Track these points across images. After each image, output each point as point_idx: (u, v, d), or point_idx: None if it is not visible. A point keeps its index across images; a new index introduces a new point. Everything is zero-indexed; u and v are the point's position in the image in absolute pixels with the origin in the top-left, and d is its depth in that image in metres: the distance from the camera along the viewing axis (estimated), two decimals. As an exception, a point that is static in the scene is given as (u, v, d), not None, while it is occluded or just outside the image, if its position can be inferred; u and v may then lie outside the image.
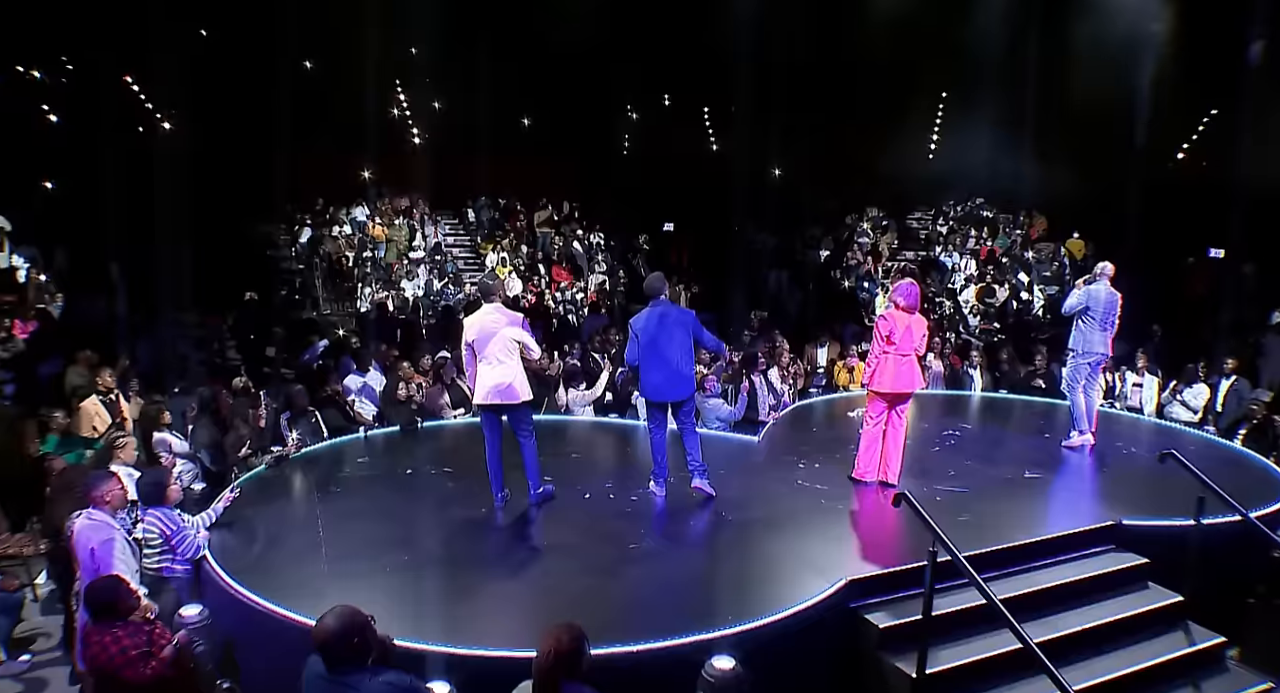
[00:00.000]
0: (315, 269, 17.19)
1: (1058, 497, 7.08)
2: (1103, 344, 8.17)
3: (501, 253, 19.79)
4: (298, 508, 6.54)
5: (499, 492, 6.47)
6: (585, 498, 6.77)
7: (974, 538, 5.88)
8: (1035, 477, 7.50)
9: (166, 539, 5.22)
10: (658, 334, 6.40)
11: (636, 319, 6.55)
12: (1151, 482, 7.23)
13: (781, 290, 18.77)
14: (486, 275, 6.54)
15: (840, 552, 5.93)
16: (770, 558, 5.82)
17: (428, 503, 6.65)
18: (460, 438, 8.44)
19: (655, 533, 6.23)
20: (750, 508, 6.61)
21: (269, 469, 7.18)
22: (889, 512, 6.72)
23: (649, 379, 6.49)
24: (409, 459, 7.61)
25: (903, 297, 7.06)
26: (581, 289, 19.19)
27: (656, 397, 6.54)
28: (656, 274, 6.62)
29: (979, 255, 18.51)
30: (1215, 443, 8.76)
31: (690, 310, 6.61)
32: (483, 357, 6.23)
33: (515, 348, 6.24)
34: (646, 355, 6.43)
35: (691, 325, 6.47)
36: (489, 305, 6.30)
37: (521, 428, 6.35)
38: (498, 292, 6.37)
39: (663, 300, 6.52)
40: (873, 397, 7.17)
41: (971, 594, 5.45)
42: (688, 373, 6.46)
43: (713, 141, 26.71)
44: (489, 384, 6.21)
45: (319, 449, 7.92)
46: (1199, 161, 20.72)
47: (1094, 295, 8.08)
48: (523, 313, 16.36)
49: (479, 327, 6.24)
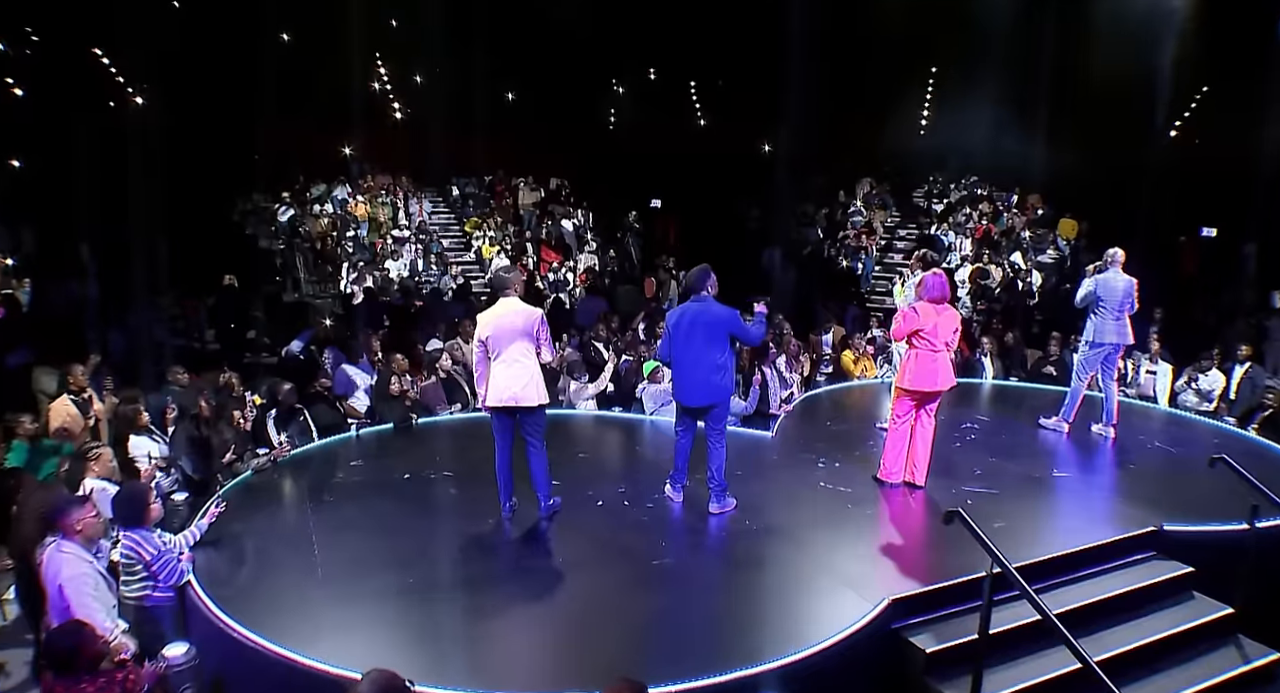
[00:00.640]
0: (296, 250, 16.50)
1: (1091, 499, 6.68)
2: (1116, 333, 7.87)
3: (488, 231, 19.19)
4: (289, 521, 6.01)
5: (507, 501, 5.99)
6: (599, 505, 6.29)
7: (1012, 547, 5.42)
8: (1064, 475, 7.13)
9: (146, 565, 4.70)
10: (691, 333, 5.90)
11: (672, 313, 6.10)
12: (1185, 481, 6.93)
13: (776, 269, 18.29)
14: (502, 268, 6.00)
15: (876, 565, 5.51)
16: (802, 575, 5.39)
17: (429, 513, 6.15)
18: (459, 437, 7.94)
19: (677, 547, 5.78)
20: (773, 514, 6.17)
21: (256, 475, 6.65)
22: (920, 518, 6.38)
23: (678, 381, 6.04)
24: (406, 462, 7.08)
25: (930, 290, 6.66)
26: (571, 269, 18.63)
27: (684, 400, 6.06)
28: (701, 267, 6.08)
29: (975, 235, 18.12)
30: (1244, 437, 8.37)
31: (732, 309, 6.07)
32: (497, 355, 5.72)
33: (533, 347, 5.74)
34: (678, 355, 5.96)
35: (730, 325, 5.94)
36: (506, 300, 5.77)
37: (533, 434, 5.85)
38: (515, 285, 5.81)
39: (704, 297, 5.99)
40: (900, 394, 6.76)
41: (1015, 611, 5.10)
42: (720, 380, 5.94)
43: (700, 116, 26.15)
44: (503, 385, 5.70)
45: (309, 451, 7.38)
46: (1192, 139, 20.36)
47: (1105, 284, 7.79)
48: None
49: (494, 323, 5.71)
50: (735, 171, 22.40)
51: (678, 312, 6.05)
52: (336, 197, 18.39)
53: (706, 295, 5.98)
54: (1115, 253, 7.88)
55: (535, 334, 5.72)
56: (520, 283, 5.90)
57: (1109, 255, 7.90)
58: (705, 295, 5.97)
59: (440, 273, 16.68)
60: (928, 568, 5.44)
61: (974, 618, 5.13)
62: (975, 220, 18.74)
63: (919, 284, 6.87)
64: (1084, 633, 5.15)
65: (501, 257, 18.38)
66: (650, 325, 11.26)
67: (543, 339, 5.77)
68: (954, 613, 5.19)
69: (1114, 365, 8.13)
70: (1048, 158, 18.95)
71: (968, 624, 5.08)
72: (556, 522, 5.95)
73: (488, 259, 18.49)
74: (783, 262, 18.41)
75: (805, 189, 21.32)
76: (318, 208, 17.85)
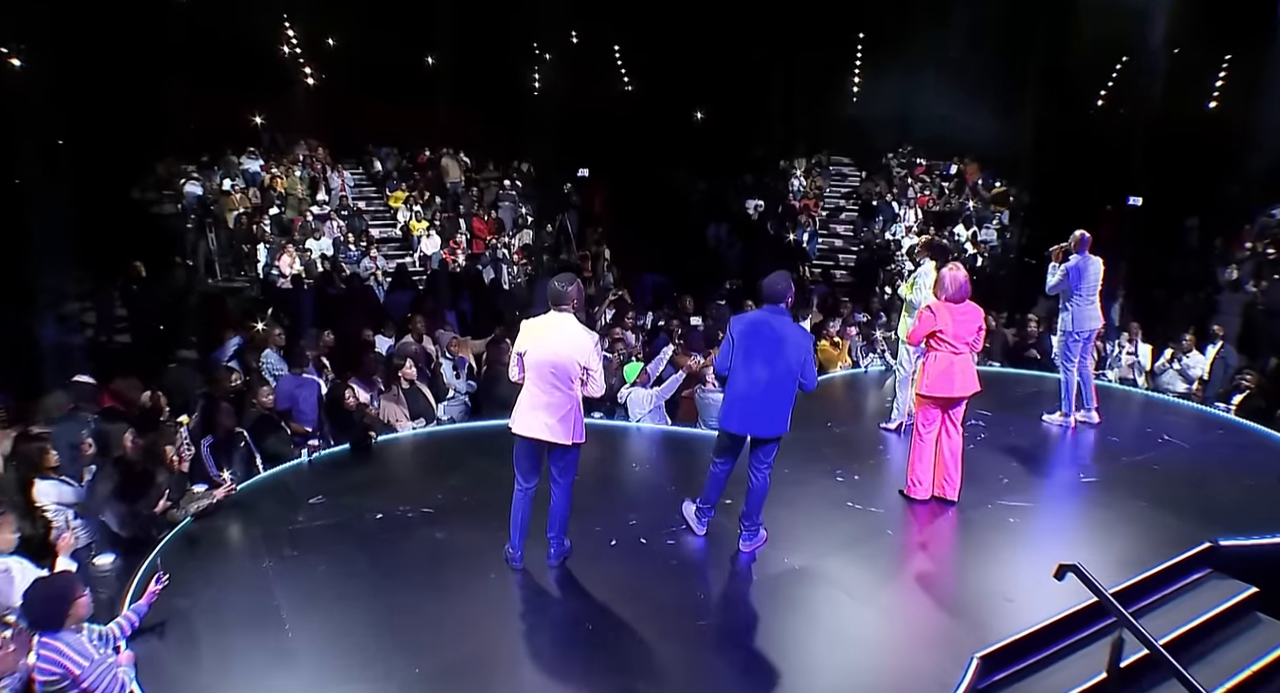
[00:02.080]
0: (207, 229, 14.80)
1: (1127, 510, 6.05)
2: (1094, 318, 7.56)
3: (415, 206, 17.76)
4: (247, 586, 4.87)
5: (519, 548, 5.01)
6: (612, 544, 5.37)
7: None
8: (1091, 480, 6.56)
9: (75, 682, 3.59)
10: (759, 350, 4.96)
11: (739, 321, 5.11)
12: (1218, 482, 6.50)
13: (722, 244, 17.48)
14: (560, 278, 4.88)
15: (946, 611, 4.77)
16: (867, 629, 4.63)
17: (417, 566, 5.10)
18: (428, 459, 6.90)
19: (716, 598, 4.92)
20: (809, 547, 5.38)
21: (196, 521, 5.49)
22: (970, 545, 5.69)
23: (739, 405, 5.04)
24: (375, 496, 5.98)
25: (948, 289, 6.00)
26: (506, 246, 17.41)
27: (741, 428, 5.08)
28: (781, 274, 5.12)
29: (918, 204, 17.65)
30: (1248, 428, 7.96)
31: (809, 334, 5.21)
32: (537, 377, 4.74)
33: (578, 375, 4.75)
34: (744, 374, 4.99)
35: (806, 353, 5.04)
36: (558, 317, 4.77)
37: (563, 470, 4.89)
38: (573, 300, 4.78)
39: (781, 309, 5.05)
40: (923, 402, 6.07)
41: (1088, 658, 4.54)
42: (782, 409, 5.04)
43: (627, 82, 25.00)
44: (538, 413, 4.73)
45: (257, 485, 6.22)
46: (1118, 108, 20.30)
47: (1079, 269, 7.42)
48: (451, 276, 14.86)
49: (543, 340, 4.73)
50: (666, 139, 21.50)
51: (748, 321, 5.08)
52: (248, 169, 16.66)
53: (785, 308, 5.06)
54: (1083, 236, 7.48)
55: (583, 364, 4.74)
56: (580, 297, 4.83)
57: (1076, 238, 7.48)
58: (784, 308, 5.06)
59: (360, 254, 15.19)
60: (998, 609, 4.73)
61: (1062, 668, 4.55)
62: (916, 191, 18.28)
63: (936, 284, 6.20)
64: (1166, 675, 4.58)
65: (432, 234, 17.05)
66: (619, 316, 10.27)
67: (592, 372, 4.78)
68: (1039, 663, 4.53)
69: (1090, 347, 7.83)
70: (985, 127, 18.60)
71: (1057, 677, 4.47)
72: (572, 571, 5.01)
73: (416, 236, 17.14)
74: (729, 236, 17.61)
75: (744, 158, 20.52)
76: (228, 182, 16.10)
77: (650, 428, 7.53)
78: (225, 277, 14.73)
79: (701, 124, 23.96)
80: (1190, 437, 7.50)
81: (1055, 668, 4.53)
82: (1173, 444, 7.35)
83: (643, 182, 20.15)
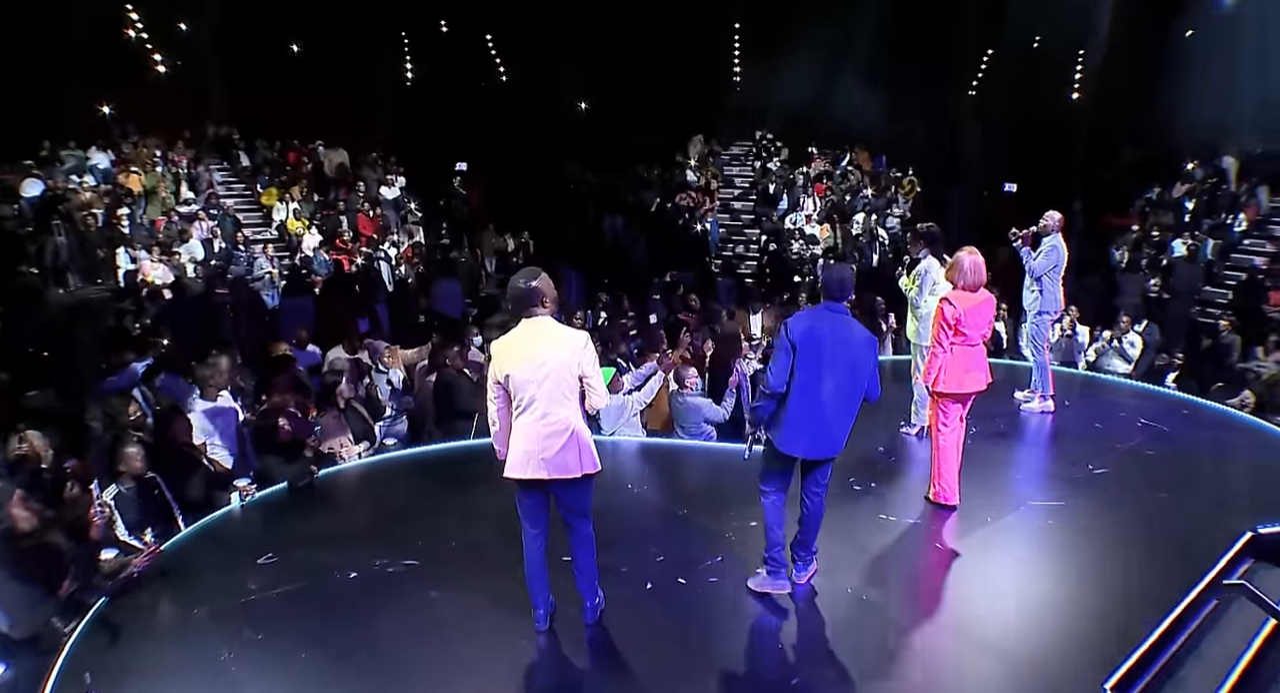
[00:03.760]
0: (55, 233, 12.66)
1: (1149, 502, 5.63)
2: (1060, 300, 7.37)
3: (291, 203, 16.01)
4: (206, 689, 3.68)
5: (541, 606, 4.02)
6: (648, 589, 4.44)
7: (1136, 593, 4.41)
8: (1103, 471, 6.13)
9: None
10: (824, 357, 4.09)
11: (798, 321, 4.16)
12: (1216, 464, 6.44)
13: (619, 237, 16.62)
14: (522, 274, 3.86)
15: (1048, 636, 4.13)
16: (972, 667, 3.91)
17: (417, 638, 4.02)
18: (389, 493, 5.72)
19: (800, 648, 4.07)
20: (865, 571, 4.69)
21: (113, 602, 4.19)
22: (1019, 553, 5.08)
23: (798, 423, 4.13)
24: (337, 547, 4.79)
25: (967, 273, 5.43)
26: (394, 244, 15.97)
27: (804, 450, 4.19)
28: (842, 266, 4.29)
29: (816, 193, 17.35)
30: (1212, 408, 7.84)
31: (873, 336, 4.33)
32: (522, 404, 3.75)
33: (574, 389, 3.77)
34: (808, 385, 4.09)
35: (873, 358, 4.22)
36: (533, 322, 3.77)
37: (577, 513, 3.92)
38: (546, 298, 3.79)
39: (842, 308, 4.22)
40: (940, 401, 5.47)
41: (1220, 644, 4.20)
42: (848, 424, 4.21)
43: (502, 72, 23.79)
44: (532, 448, 3.74)
45: (183, 542, 4.90)
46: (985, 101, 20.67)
47: (1059, 250, 7.12)
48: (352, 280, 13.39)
49: (524, 355, 3.73)
50: (547, 131, 20.53)
51: (806, 322, 4.16)
52: (98, 165, 14.48)
53: (846, 307, 4.23)
54: (1054, 216, 7.20)
55: (579, 371, 3.78)
56: (552, 296, 3.83)
57: (1050, 220, 7.18)
58: (845, 306, 4.23)
59: (249, 256, 13.49)
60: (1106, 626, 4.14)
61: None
62: (811, 179, 17.99)
63: (952, 268, 5.60)
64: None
65: (313, 232, 15.39)
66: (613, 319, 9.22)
67: (589, 376, 3.81)
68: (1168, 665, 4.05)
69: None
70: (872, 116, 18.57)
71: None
72: (615, 629, 4.06)
73: (294, 235, 15.45)
74: (626, 229, 16.79)
75: (631, 148, 19.73)
76: (76, 179, 13.91)
77: (628, 442, 6.62)
78: (79, 286, 12.67)
79: (585, 115, 23.06)
80: (1164, 419, 7.27)
81: (1190, 664, 4.06)
82: (1154, 428, 7.09)
83: (527, 174, 19.12)
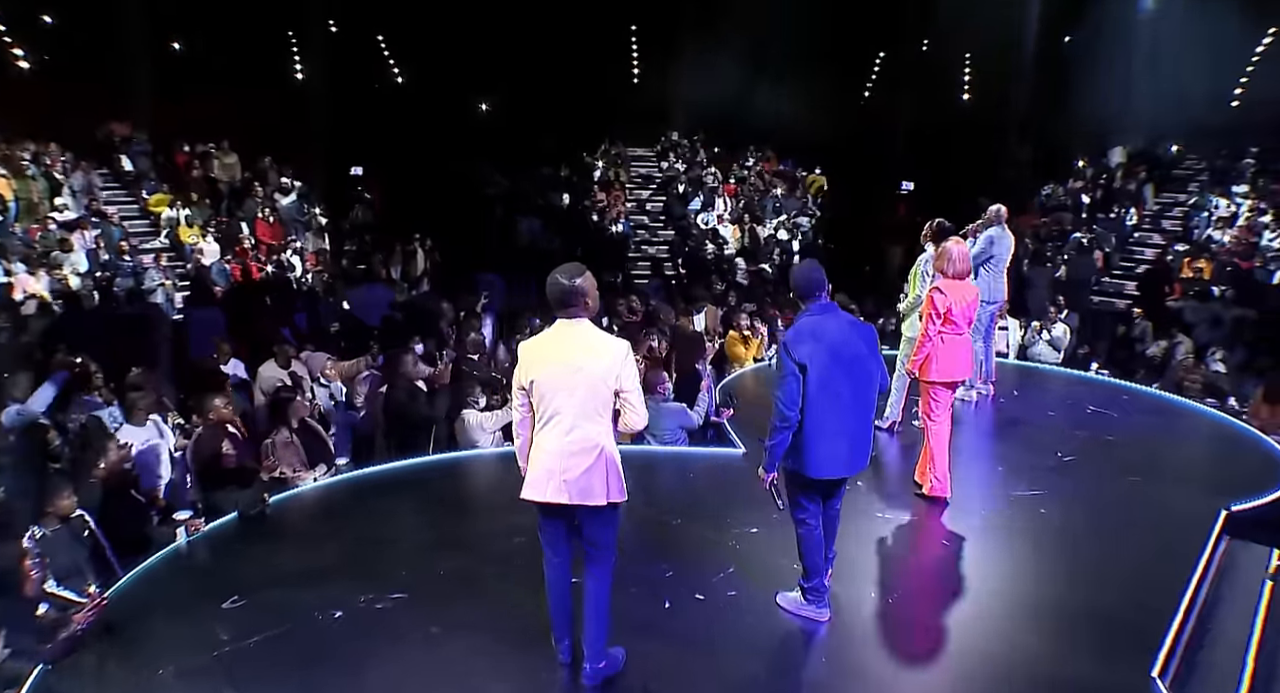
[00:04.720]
0: (-89, 246, 11.28)
1: (1121, 488, 5.70)
2: (1003, 291, 7.40)
3: (183, 211, 14.81)
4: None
5: (565, 638, 3.61)
6: (666, 607, 4.09)
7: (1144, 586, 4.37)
8: (1071, 458, 6.17)
9: None
10: (836, 366, 3.71)
11: (798, 334, 3.70)
12: (1175, 450, 6.65)
13: (537, 238, 16.14)
14: (564, 270, 3.31)
15: (1084, 629, 4.00)
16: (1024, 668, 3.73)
17: (420, 685, 3.56)
18: (353, 518, 5.14)
19: (849, 668, 3.78)
20: (879, 574, 4.50)
21: (55, 669, 3.55)
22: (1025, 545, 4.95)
23: (831, 444, 3.72)
24: (313, 584, 4.23)
25: (955, 261, 5.39)
26: (297, 252, 15.00)
27: (842, 471, 3.82)
28: (806, 263, 3.92)
29: (727, 193, 17.33)
30: (1150, 394, 8.09)
31: (870, 326, 4.02)
32: (547, 415, 3.33)
33: (608, 404, 3.37)
34: (820, 404, 3.69)
35: (875, 344, 3.87)
36: (568, 324, 3.35)
37: (599, 544, 3.47)
38: (587, 298, 3.34)
39: (829, 304, 3.83)
40: (931, 389, 5.39)
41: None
42: (871, 426, 3.92)
43: (396, 73, 22.93)
44: (553, 467, 3.31)
45: (126, 589, 4.23)
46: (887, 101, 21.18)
47: (1001, 241, 7.17)
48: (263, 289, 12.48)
49: (556, 360, 3.31)
50: (447, 132, 19.88)
51: (807, 339, 3.69)
52: (-45, 170, 12.99)
53: (828, 300, 3.86)
54: (1000, 209, 7.25)
55: (616, 385, 3.37)
56: (595, 297, 3.39)
57: (994, 212, 7.23)
58: (828, 299, 3.86)
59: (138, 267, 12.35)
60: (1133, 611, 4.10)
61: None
62: (719, 179, 17.97)
63: (940, 256, 5.54)
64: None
65: (209, 240, 14.29)
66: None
67: (627, 392, 3.40)
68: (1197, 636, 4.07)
69: (994, 322, 7.71)
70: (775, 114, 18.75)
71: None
72: (636, 658, 3.66)
73: (189, 244, 14.30)
74: (544, 231, 16.32)
75: (538, 149, 19.26)
76: (-69, 187, 12.44)
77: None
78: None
79: (487, 116, 22.44)
80: (1109, 405, 7.43)
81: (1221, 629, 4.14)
82: (1103, 414, 7.24)
83: (431, 177, 18.42)
